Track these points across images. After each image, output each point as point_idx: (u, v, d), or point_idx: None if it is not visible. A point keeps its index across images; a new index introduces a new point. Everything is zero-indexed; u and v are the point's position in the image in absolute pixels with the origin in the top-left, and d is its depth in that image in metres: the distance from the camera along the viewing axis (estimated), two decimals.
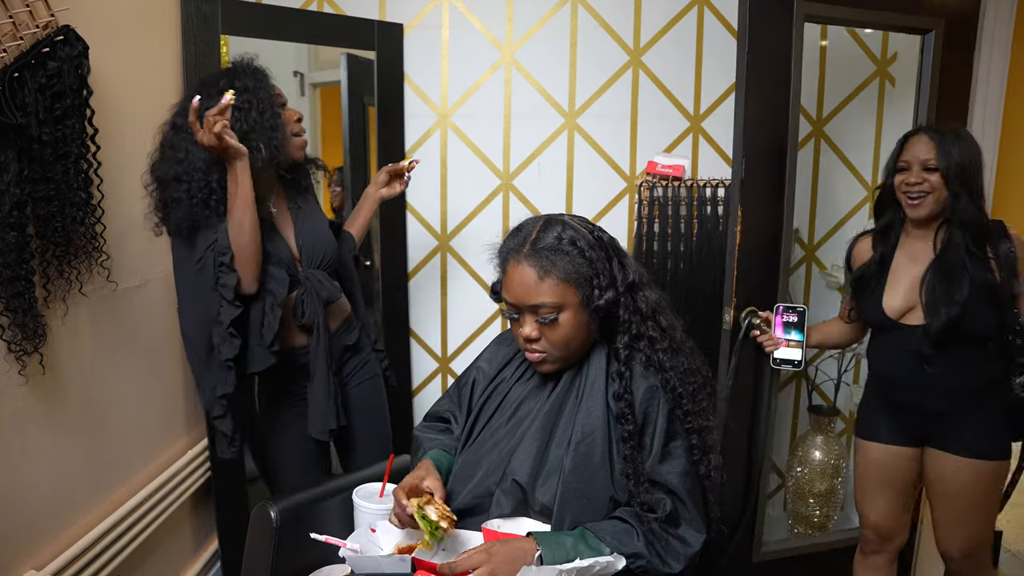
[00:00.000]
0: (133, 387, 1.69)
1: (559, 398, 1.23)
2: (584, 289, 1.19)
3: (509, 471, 1.20)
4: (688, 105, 2.32)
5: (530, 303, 1.18)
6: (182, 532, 1.95)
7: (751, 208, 1.94)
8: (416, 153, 2.31)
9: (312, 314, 1.65)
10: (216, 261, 1.51)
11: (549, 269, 1.17)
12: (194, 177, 1.52)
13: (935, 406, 1.71)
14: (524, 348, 1.24)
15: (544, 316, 1.18)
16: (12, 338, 1.23)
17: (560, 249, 1.19)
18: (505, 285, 1.22)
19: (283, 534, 1.31)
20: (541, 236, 1.20)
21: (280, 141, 1.61)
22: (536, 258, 1.18)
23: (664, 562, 1.11)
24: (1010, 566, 2.58)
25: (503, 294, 1.24)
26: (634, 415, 1.17)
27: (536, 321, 1.19)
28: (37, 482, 1.36)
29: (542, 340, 1.20)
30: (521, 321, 1.21)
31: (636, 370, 1.21)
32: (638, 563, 1.10)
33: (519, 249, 1.21)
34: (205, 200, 1.52)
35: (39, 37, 1.26)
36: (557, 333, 1.19)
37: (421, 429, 1.42)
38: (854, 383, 2.54)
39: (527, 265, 1.18)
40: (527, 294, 1.18)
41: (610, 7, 2.27)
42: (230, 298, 1.51)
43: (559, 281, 1.17)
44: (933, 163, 1.67)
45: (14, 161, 1.21)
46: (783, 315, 1.85)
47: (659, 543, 1.12)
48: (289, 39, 2.14)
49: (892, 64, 2.45)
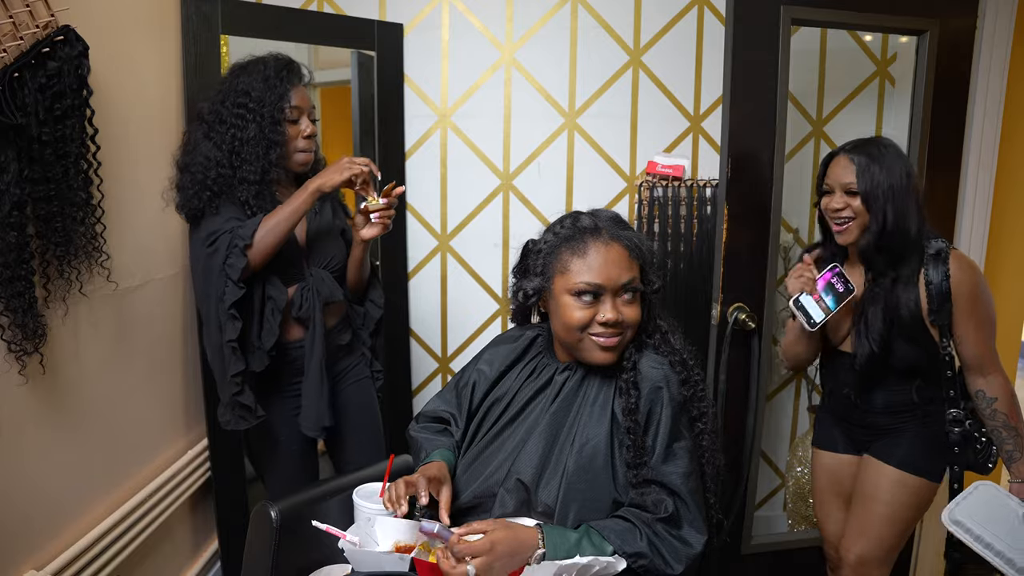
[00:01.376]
0: (133, 387, 1.69)
1: (567, 399, 1.23)
2: (647, 273, 1.23)
3: (514, 470, 1.20)
4: (688, 105, 2.32)
5: (623, 281, 1.18)
6: (182, 532, 1.95)
7: (738, 207, 1.96)
8: (416, 153, 2.31)
9: (309, 309, 1.67)
10: (231, 243, 1.55)
11: (634, 249, 1.21)
12: (197, 169, 1.60)
13: (879, 421, 1.68)
14: (595, 337, 1.19)
15: (633, 288, 1.19)
16: (12, 338, 1.23)
17: (633, 234, 1.23)
18: (588, 268, 1.18)
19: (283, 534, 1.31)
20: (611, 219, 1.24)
21: (277, 157, 1.63)
22: (624, 237, 1.21)
23: (666, 562, 1.11)
24: None
25: (583, 278, 1.18)
26: (639, 406, 1.18)
27: (620, 301, 1.19)
28: (37, 482, 1.36)
29: (622, 322, 1.19)
30: (601, 304, 1.18)
31: (644, 366, 1.22)
32: (640, 563, 1.10)
33: (598, 230, 1.21)
34: (202, 192, 1.59)
35: (39, 37, 1.26)
36: (636, 312, 1.20)
37: (418, 430, 1.40)
38: None
39: (616, 243, 1.20)
40: (620, 272, 1.18)
41: (610, 7, 2.27)
42: (235, 278, 1.54)
43: (636, 262, 1.21)
44: (854, 187, 1.57)
45: (14, 161, 1.21)
46: (833, 277, 1.64)
47: (661, 543, 1.12)
48: (289, 39, 2.14)
49: (892, 64, 2.45)
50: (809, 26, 2.21)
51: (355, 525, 1.29)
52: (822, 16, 2.01)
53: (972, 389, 1.61)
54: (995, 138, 2.25)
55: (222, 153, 1.61)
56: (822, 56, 2.43)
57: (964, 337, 1.58)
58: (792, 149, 2.43)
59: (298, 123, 1.66)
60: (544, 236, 1.27)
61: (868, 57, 2.44)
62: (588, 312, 1.18)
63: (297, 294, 1.68)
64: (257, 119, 1.60)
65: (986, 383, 1.60)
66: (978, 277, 1.59)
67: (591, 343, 1.20)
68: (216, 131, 1.62)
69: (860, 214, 1.58)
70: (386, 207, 1.69)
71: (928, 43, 2.06)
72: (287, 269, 1.67)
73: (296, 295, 1.68)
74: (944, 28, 2.08)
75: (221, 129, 1.61)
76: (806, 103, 2.44)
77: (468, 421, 1.34)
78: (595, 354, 1.20)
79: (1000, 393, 1.59)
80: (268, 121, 1.61)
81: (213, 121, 1.63)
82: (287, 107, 1.63)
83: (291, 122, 1.65)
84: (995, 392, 1.59)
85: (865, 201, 1.56)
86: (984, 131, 2.23)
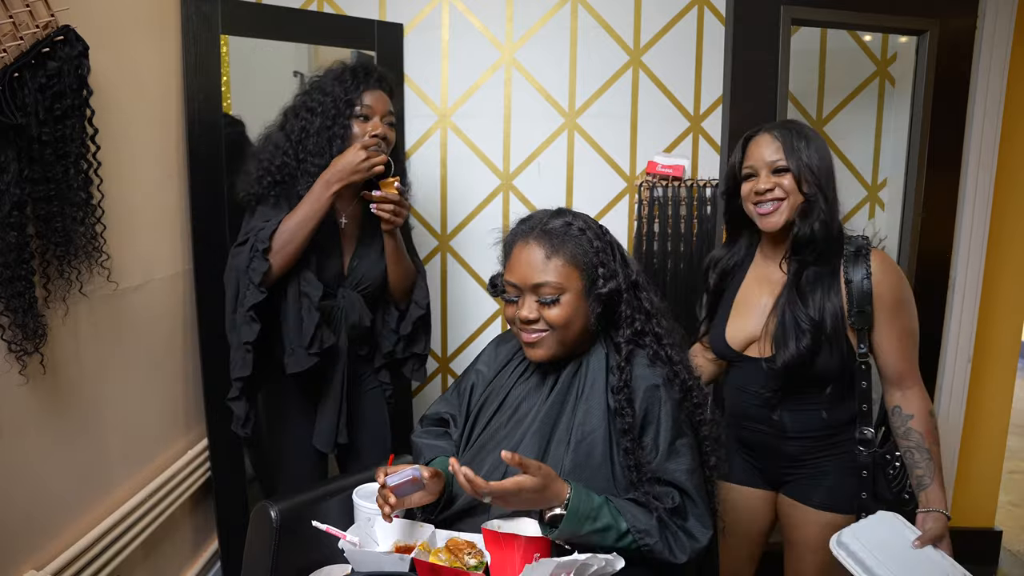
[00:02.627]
0: (133, 387, 1.69)
1: (559, 397, 1.23)
2: (588, 275, 1.21)
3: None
4: (688, 105, 2.32)
5: (534, 282, 1.19)
6: (182, 532, 1.95)
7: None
8: (416, 153, 2.31)
9: (335, 331, 1.67)
10: (253, 245, 1.56)
11: (557, 249, 1.20)
12: (264, 156, 1.65)
13: (789, 450, 1.50)
14: (520, 332, 1.24)
15: (545, 296, 1.19)
16: (12, 338, 1.23)
17: (569, 234, 1.22)
18: (509, 267, 1.24)
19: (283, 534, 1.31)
20: (551, 221, 1.24)
21: (339, 152, 1.62)
22: (545, 239, 1.21)
23: (671, 551, 1.12)
24: (1010, 566, 2.58)
25: (506, 275, 1.25)
26: (633, 410, 1.17)
27: (536, 302, 1.20)
28: (37, 482, 1.36)
29: (540, 321, 1.20)
30: (521, 303, 1.22)
31: (638, 366, 1.21)
32: (646, 541, 1.10)
33: (528, 232, 1.23)
34: (263, 177, 1.64)
35: (39, 37, 1.25)
36: (556, 313, 1.20)
37: (420, 435, 1.42)
38: None
39: (535, 245, 1.21)
40: (532, 272, 1.19)
41: (610, 7, 2.27)
42: (257, 282, 1.55)
43: (565, 263, 1.20)
44: (783, 163, 1.43)
45: (14, 161, 1.21)
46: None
47: (668, 531, 1.13)
48: (289, 39, 2.14)
49: (892, 64, 2.45)
50: (809, 26, 2.22)
51: (355, 525, 1.29)
52: (822, 16, 2.02)
53: (889, 405, 1.46)
54: (995, 138, 2.25)
55: (289, 143, 1.64)
56: (822, 56, 2.43)
57: (882, 345, 1.43)
58: None
59: (367, 122, 1.65)
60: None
61: (868, 57, 2.44)
62: (512, 309, 1.24)
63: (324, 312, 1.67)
64: (324, 112, 1.62)
65: (903, 398, 1.43)
66: (902, 281, 1.45)
67: (522, 341, 1.25)
68: (289, 122, 1.67)
69: (792, 193, 1.43)
70: (382, 199, 1.65)
71: (928, 43, 2.07)
72: (323, 284, 1.66)
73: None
74: (944, 28, 2.08)
75: (294, 120, 1.66)
76: (806, 103, 2.44)
77: (466, 421, 1.35)
78: (526, 350, 1.25)
79: (917, 410, 1.42)
80: (334, 114, 1.62)
81: (290, 113, 1.68)
82: (358, 104, 1.64)
83: (360, 120, 1.65)
84: (912, 409, 1.42)
85: (797, 179, 1.42)
86: (984, 131, 2.23)
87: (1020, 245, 2.42)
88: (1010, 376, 2.51)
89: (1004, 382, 2.50)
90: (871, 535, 1.35)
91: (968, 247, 2.29)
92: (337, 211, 1.69)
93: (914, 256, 2.23)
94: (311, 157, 1.63)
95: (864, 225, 2.46)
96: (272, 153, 1.64)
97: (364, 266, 1.73)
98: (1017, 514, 2.97)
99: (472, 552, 1.13)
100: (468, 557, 1.12)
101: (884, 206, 2.52)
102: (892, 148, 2.44)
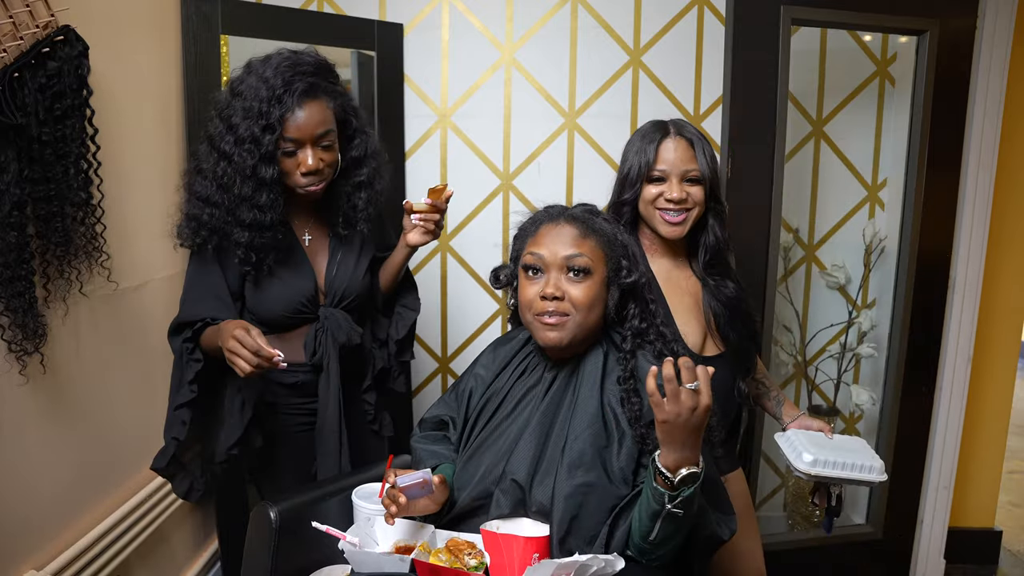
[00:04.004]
0: (133, 387, 1.69)
1: (556, 397, 1.23)
2: (612, 264, 1.23)
3: (508, 471, 1.19)
4: (688, 105, 2.32)
5: (565, 254, 1.19)
6: (182, 532, 1.95)
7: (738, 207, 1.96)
8: (416, 153, 2.31)
9: (323, 356, 1.50)
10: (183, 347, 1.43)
11: (589, 231, 1.22)
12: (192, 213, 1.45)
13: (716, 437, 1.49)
14: (539, 316, 1.19)
15: (577, 266, 1.18)
16: (12, 338, 1.23)
17: (597, 222, 1.25)
18: (535, 242, 1.22)
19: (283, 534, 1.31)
20: (575, 209, 1.26)
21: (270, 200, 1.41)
22: (576, 222, 1.22)
23: (720, 526, 1.12)
24: (1010, 566, 2.58)
25: (530, 250, 1.21)
26: (640, 398, 1.18)
27: (565, 278, 1.19)
28: (37, 482, 1.36)
29: (564, 300, 1.18)
30: (545, 279, 1.19)
31: (642, 359, 1.22)
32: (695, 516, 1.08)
33: (556, 216, 1.24)
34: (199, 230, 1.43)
35: (39, 37, 1.26)
36: (582, 292, 1.18)
37: (419, 440, 1.41)
38: (854, 383, 2.54)
39: (567, 225, 1.22)
40: (563, 246, 1.19)
41: (610, 7, 2.27)
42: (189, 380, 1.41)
43: (596, 245, 1.21)
44: (696, 173, 1.41)
45: (14, 161, 1.21)
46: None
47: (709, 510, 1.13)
48: (289, 39, 2.12)
49: (892, 64, 2.45)
50: (809, 26, 2.22)
51: (355, 526, 1.29)
52: (822, 16, 2.02)
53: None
54: (995, 138, 2.25)
55: (216, 189, 1.41)
56: (822, 56, 2.43)
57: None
58: (792, 149, 2.43)
59: (294, 156, 1.41)
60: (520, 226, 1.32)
61: (868, 57, 2.44)
62: (535, 287, 1.20)
63: (309, 336, 1.51)
64: (242, 150, 1.37)
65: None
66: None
67: (539, 323, 1.20)
68: (210, 157, 1.42)
69: (698, 204, 1.43)
70: (430, 209, 1.51)
71: (928, 43, 2.07)
72: (298, 310, 1.50)
73: (308, 338, 1.51)
74: (944, 28, 2.08)
75: (214, 157, 1.41)
76: (806, 103, 2.44)
77: (464, 425, 1.35)
78: (541, 334, 1.20)
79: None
80: (252, 149, 1.37)
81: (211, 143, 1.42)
82: (279, 136, 1.37)
83: (287, 156, 1.40)
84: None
85: (706, 190, 1.42)
86: (984, 131, 2.23)
87: (1020, 245, 2.42)
88: (1010, 376, 2.51)
89: (1004, 382, 2.50)
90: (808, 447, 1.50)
91: (968, 247, 2.29)
92: (295, 229, 1.53)
93: (914, 256, 2.23)
94: (241, 206, 1.40)
95: (864, 225, 2.46)
96: (198, 207, 1.42)
97: (340, 279, 1.54)
98: (1017, 514, 2.97)
99: (472, 552, 1.13)
100: (468, 557, 1.12)
101: (884, 206, 2.52)
102: (892, 148, 2.44)
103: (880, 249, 2.46)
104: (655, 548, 1.08)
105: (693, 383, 0.98)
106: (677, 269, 1.52)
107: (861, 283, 2.50)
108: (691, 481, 1.01)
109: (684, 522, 1.05)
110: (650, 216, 1.47)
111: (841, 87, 2.46)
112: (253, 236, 1.42)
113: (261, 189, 1.40)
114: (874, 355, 2.44)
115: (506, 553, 1.11)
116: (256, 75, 1.39)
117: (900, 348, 2.27)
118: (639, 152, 1.45)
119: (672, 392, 0.98)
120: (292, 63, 1.40)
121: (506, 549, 1.11)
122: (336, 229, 1.56)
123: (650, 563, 1.11)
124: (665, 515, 1.03)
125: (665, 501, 1.02)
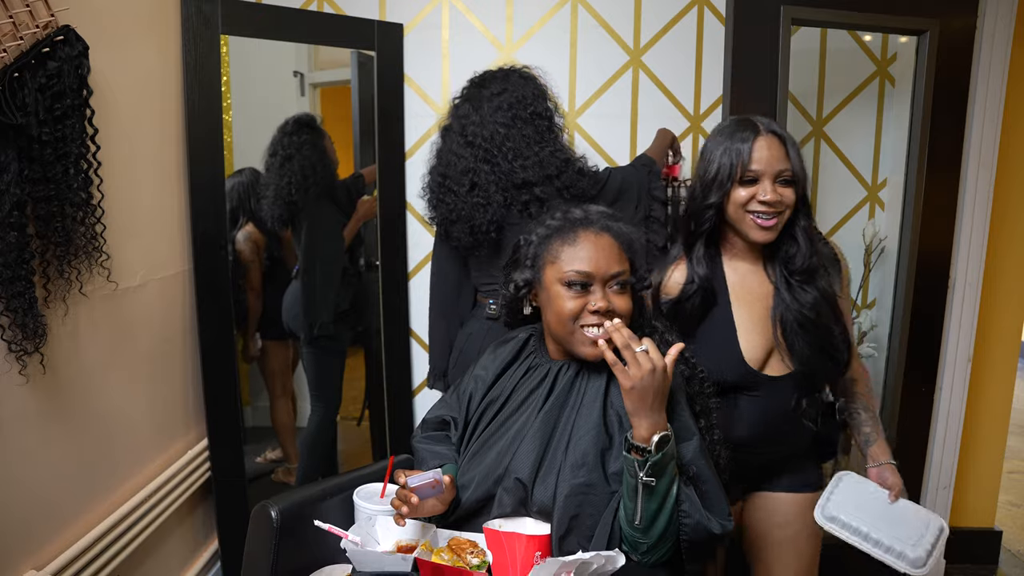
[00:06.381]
0: (133, 387, 1.69)
1: (560, 397, 1.23)
2: (638, 267, 1.24)
3: (511, 470, 1.20)
4: (688, 105, 2.32)
5: (612, 271, 1.18)
6: (182, 532, 1.94)
7: None
8: (416, 153, 2.30)
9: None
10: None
11: (622, 239, 1.22)
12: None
13: (767, 457, 1.45)
14: (586, 329, 1.18)
15: (622, 281, 1.19)
16: (12, 338, 1.23)
17: (624, 227, 1.24)
18: (576, 257, 1.19)
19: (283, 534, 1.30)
20: (597, 212, 1.25)
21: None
22: (614, 228, 1.22)
23: (708, 519, 1.12)
24: (1010, 566, 2.58)
25: (575, 267, 1.18)
26: None
27: (610, 290, 1.19)
28: (37, 482, 1.36)
29: (614, 312, 1.18)
30: (592, 294, 1.18)
31: None
32: (686, 510, 1.10)
33: (589, 221, 1.22)
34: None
35: (39, 37, 1.26)
36: (626, 303, 1.19)
37: (420, 440, 1.41)
38: None
39: (605, 235, 1.21)
40: (609, 262, 1.19)
41: (610, 7, 2.27)
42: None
43: (626, 254, 1.22)
44: (789, 173, 1.31)
45: (14, 161, 1.21)
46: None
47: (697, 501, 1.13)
48: (289, 39, 2.14)
49: (892, 64, 2.45)
50: (809, 26, 2.22)
51: (356, 524, 1.29)
52: (822, 16, 2.02)
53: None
54: (995, 138, 2.25)
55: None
56: (822, 56, 2.43)
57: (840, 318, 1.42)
58: None
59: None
60: (535, 229, 1.28)
61: (868, 57, 2.44)
62: (579, 302, 1.18)
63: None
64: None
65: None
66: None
67: (582, 336, 1.19)
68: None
69: (790, 207, 1.34)
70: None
71: (928, 43, 2.07)
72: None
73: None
74: (944, 28, 2.08)
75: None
76: (806, 103, 2.44)
77: (466, 426, 1.35)
78: (586, 348, 1.19)
79: (858, 375, 1.49)
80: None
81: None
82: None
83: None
84: (854, 373, 1.49)
85: (796, 192, 1.33)
86: (984, 131, 2.23)
87: (1020, 245, 2.42)
88: (1010, 376, 2.51)
89: (1004, 382, 2.50)
90: (847, 501, 1.43)
91: (968, 247, 2.29)
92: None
93: (914, 256, 2.23)
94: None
95: (864, 225, 2.46)
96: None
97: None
98: (1017, 514, 2.97)
99: (474, 551, 1.13)
100: (471, 556, 1.12)
101: (884, 206, 2.52)
102: (892, 148, 2.44)
103: (880, 249, 2.46)
104: (644, 535, 1.08)
105: (642, 346, 1.07)
106: (753, 274, 1.42)
107: (861, 283, 2.50)
108: (664, 444, 1.06)
109: (662, 494, 1.06)
110: (740, 219, 1.35)
111: (841, 87, 2.46)
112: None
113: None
114: (874, 355, 2.44)
115: (509, 551, 1.11)
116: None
117: (900, 348, 2.27)
118: (727, 152, 1.33)
119: (630, 358, 1.07)
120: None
121: (509, 547, 1.11)
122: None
123: (651, 563, 1.11)
124: (644, 488, 1.05)
125: (637, 469, 1.05)
